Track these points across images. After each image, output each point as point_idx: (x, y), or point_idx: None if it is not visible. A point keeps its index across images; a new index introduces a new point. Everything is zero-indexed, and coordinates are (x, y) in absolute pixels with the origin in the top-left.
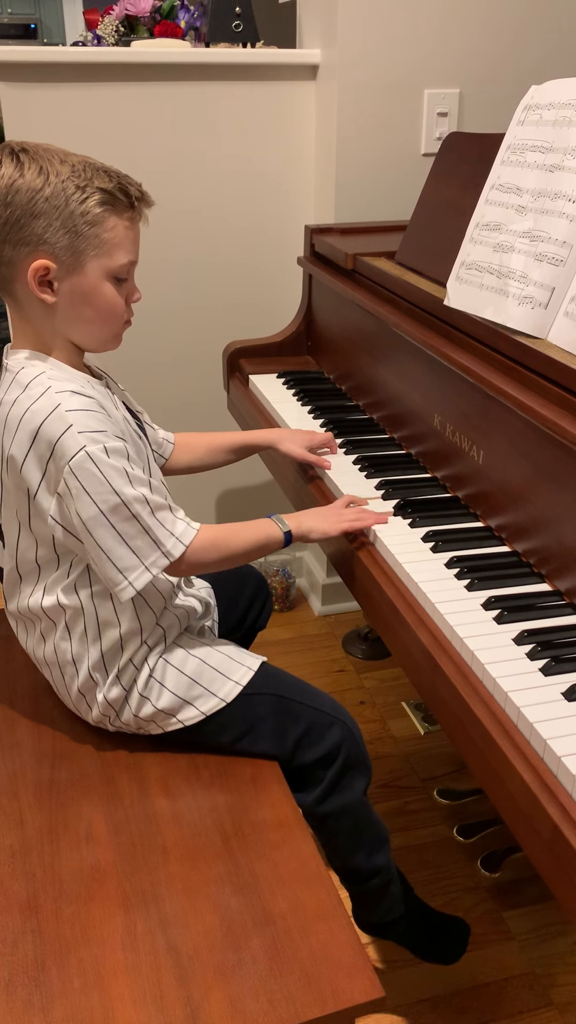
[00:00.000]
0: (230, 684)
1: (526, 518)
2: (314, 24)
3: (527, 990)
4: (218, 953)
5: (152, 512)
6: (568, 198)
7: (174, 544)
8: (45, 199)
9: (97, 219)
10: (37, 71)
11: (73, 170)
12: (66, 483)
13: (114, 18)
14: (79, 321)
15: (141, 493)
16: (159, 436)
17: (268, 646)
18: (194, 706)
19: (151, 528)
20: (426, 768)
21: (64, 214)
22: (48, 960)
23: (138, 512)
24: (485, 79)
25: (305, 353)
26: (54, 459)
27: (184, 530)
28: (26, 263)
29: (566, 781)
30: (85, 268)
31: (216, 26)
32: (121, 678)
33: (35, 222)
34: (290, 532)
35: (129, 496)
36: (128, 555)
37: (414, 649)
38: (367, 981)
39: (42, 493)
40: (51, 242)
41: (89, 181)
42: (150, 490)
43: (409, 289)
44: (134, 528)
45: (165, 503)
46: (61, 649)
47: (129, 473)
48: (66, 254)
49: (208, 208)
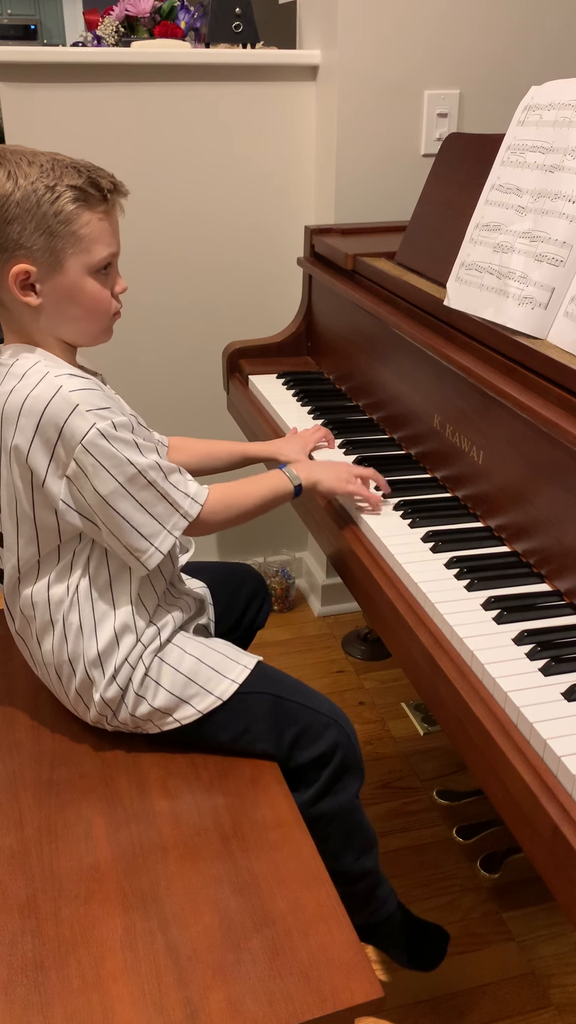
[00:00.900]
0: (226, 682)
1: (526, 518)
2: (314, 25)
3: (527, 991)
4: (217, 953)
5: (166, 476)
6: (568, 198)
7: (191, 504)
8: (16, 203)
9: (71, 217)
10: (37, 71)
11: (42, 170)
12: (78, 463)
13: (114, 19)
14: (67, 320)
15: (153, 460)
16: (153, 438)
17: (268, 647)
18: (190, 704)
19: (167, 492)
20: (426, 769)
21: (37, 216)
22: (47, 960)
23: (154, 479)
24: (485, 80)
25: (305, 354)
26: (63, 441)
27: (197, 490)
28: (5, 269)
29: (566, 781)
30: (65, 267)
31: (216, 27)
32: (117, 677)
33: (9, 228)
34: (300, 485)
35: (143, 464)
36: (150, 522)
37: (414, 649)
38: (367, 981)
39: (50, 478)
40: (27, 246)
41: (59, 179)
42: (159, 455)
43: (409, 290)
44: (152, 495)
45: (175, 467)
46: (58, 649)
47: (139, 443)
48: (44, 256)
49: (208, 208)
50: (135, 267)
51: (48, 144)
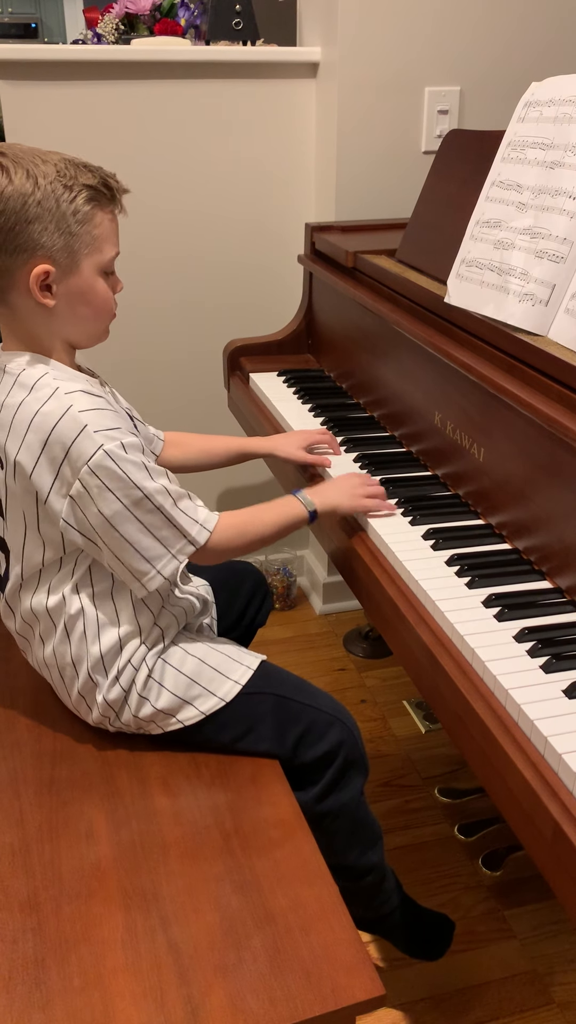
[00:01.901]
0: (229, 683)
1: (526, 515)
2: (314, 22)
3: (528, 988)
4: (218, 951)
5: (175, 503)
6: (568, 195)
7: (199, 531)
8: (37, 203)
9: (87, 216)
10: (37, 69)
11: (57, 170)
12: (83, 484)
13: (114, 16)
14: (77, 320)
15: (162, 485)
16: (149, 432)
17: (269, 645)
18: (193, 706)
19: (174, 518)
20: (427, 767)
21: (57, 216)
22: (48, 958)
23: (160, 504)
24: (485, 76)
25: (306, 351)
26: (69, 461)
27: (207, 516)
28: (25, 270)
29: (567, 778)
30: (80, 267)
31: (216, 24)
32: (120, 679)
33: (30, 227)
34: (315, 511)
35: (151, 489)
36: (155, 544)
37: (414, 647)
38: (368, 979)
39: (53, 497)
40: (47, 245)
41: (75, 179)
42: (168, 480)
43: (410, 287)
44: (159, 519)
45: (185, 492)
46: (60, 652)
47: (148, 466)
48: (63, 255)
49: (208, 206)
50: (136, 265)
51: (49, 142)
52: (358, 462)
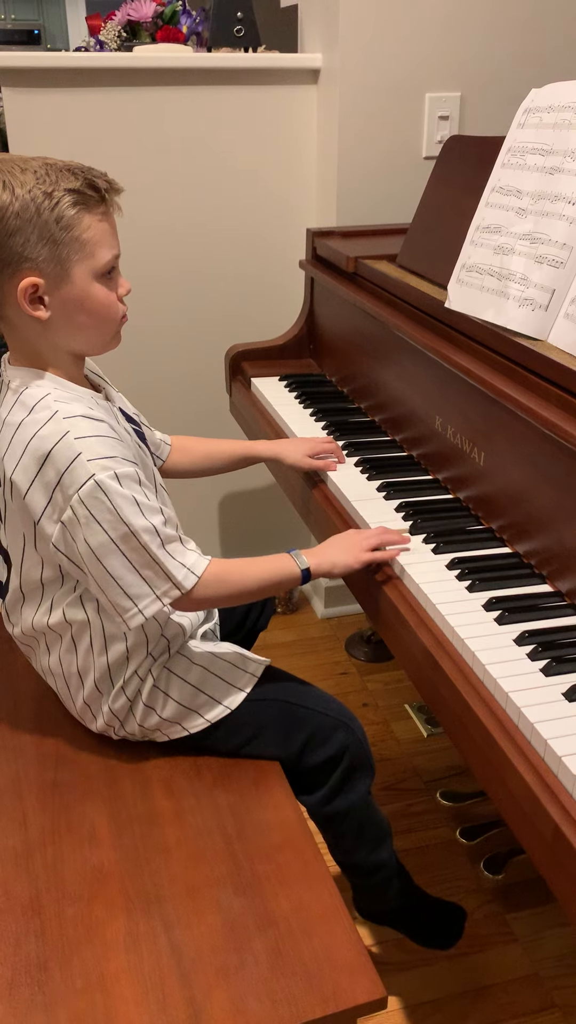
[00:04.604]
0: (234, 691)
1: (527, 519)
2: (315, 28)
3: (531, 992)
4: (220, 954)
5: (162, 544)
6: (568, 200)
7: (186, 575)
8: (15, 214)
9: (72, 222)
10: (40, 76)
11: (36, 177)
12: (73, 512)
13: (116, 23)
14: (77, 330)
15: (151, 524)
16: (156, 438)
17: (271, 648)
18: (199, 714)
19: (160, 560)
20: (429, 770)
21: (38, 225)
22: (51, 961)
23: (146, 543)
24: (486, 82)
25: (307, 356)
26: (61, 487)
27: (196, 560)
28: (12, 284)
29: (567, 781)
30: (72, 275)
31: (218, 31)
32: (126, 689)
33: (11, 240)
34: (308, 569)
35: (138, 527)
36: (139, 583)
37: (416, 650)
38: (369, 981)
39: (45, 520)
40: (32, 257)
41: (55, 185)
42: (162, 519)
43: (410, 292)
44: (143, 558)
45: (176, 535)
46: (66, 661)
47: (140, 502)
48: (50, 265)
49: (210, 212)
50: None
51: (51, 149)
52: (359, 466)
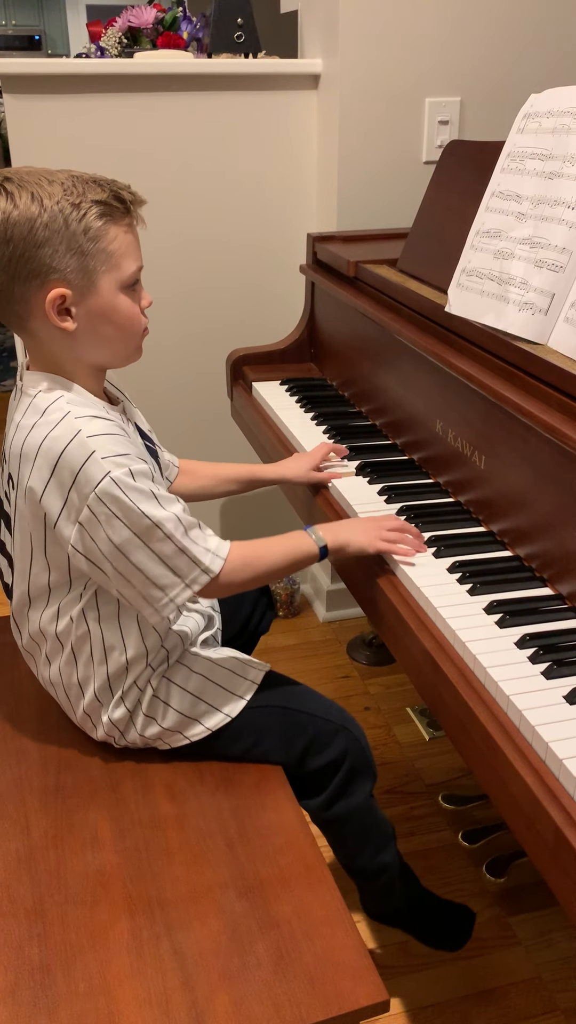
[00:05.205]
0: (235, 699)
1: (528, 523)
2: (315, 34)
3: (533, 995)
4: (223, 957)
5: (186, 531)
6: (567, 205)
7: (212, 559)
8: (44, 225)
9: (99, 233)
10: (41, 83)
11: (64, 189)
12: (91, 511)
13: (117, 30)
14: (101, 342)
15: (172, 513)
16: (165, 458)
17: (272, 652)
18: (200, 723)
19: (187, 547)
20: (431, 773)
21: (66, 236)
22: (54, 964)
23: (171, 532)
24: (486, 87)
25: (308, 360)
26: (76, 487)
27: (219, 544)
28: (40, 296)
29: (568, 784)
30: (99, 286)
31: (218, 37)
32: (126, 699)
33: (40, 252)
34: (326, 546)
35: (160, 517)
36: (167, 573)
37: (417, 654)
38: (372, 985)
39: (62, 522)
40: (60, 268)
41: (83, 196)
42: (181, 506)
43: (411, 296)
44: (170, 548)
45: (196, 521)
46: (67, 673)
47: (157, 494)
48: (78, 276)
49: (211, 217)
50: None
51: (52, 154)
52: (360, 470)
